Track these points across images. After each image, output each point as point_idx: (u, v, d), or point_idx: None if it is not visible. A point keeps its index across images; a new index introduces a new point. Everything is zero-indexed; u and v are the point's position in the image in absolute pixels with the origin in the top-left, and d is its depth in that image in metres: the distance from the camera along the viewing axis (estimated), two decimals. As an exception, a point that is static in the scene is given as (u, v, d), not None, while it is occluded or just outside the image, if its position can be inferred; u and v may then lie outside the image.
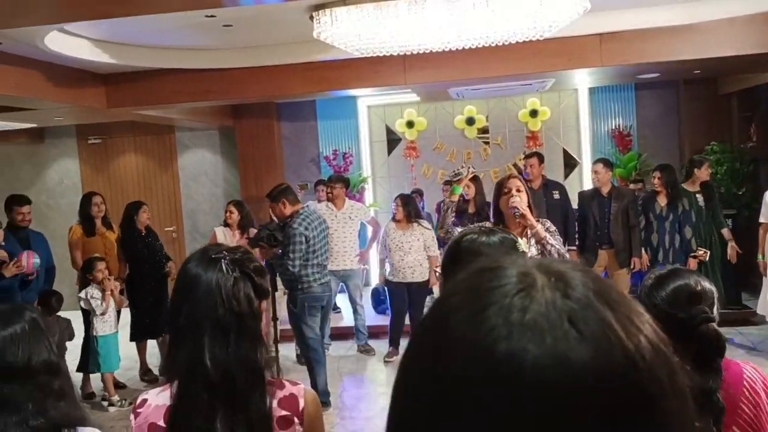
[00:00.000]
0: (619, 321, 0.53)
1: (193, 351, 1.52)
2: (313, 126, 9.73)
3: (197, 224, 10.01)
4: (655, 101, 9.24)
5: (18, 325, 1.72)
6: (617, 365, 0.51)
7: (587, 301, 0.54)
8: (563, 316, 0.52)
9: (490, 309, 0.53)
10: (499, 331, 0.52)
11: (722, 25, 6.01)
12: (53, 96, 6.20)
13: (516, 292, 0.54)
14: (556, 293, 0.54)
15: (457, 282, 0.59)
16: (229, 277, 1.56)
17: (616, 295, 0.56)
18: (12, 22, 4.21)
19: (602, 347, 0.51)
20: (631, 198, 6.53)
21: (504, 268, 0.58)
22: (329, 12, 4.92)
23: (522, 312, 0.52)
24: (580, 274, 0.57)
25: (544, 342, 0.51)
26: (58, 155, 10.35)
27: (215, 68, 6.74)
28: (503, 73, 6.64)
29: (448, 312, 0.56)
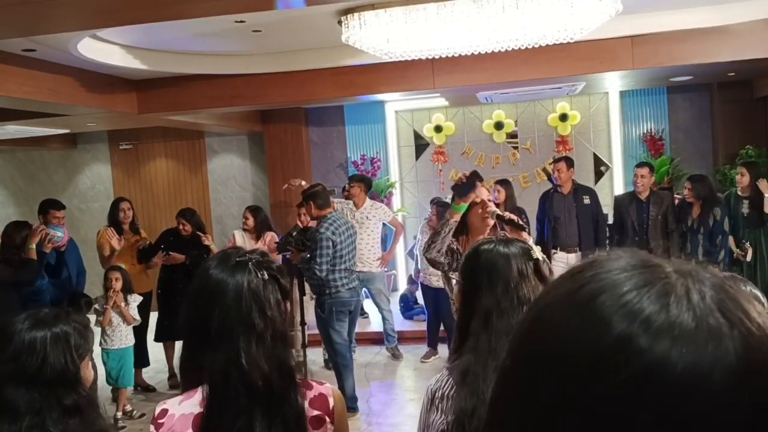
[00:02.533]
0: (755, 309, 0.52)
1: (228, 355, 1.51)
2: (341, 131, 9.75)
3: (226, 229, 10.08)
4: (688, 105, 9.08)
5: (42, 331, 1.72)
6: (763, 354, 0.49)
7: (724, 292, 0.52)
8: (712, 306, 0.50)
9: (626, 306, 0.50)
10: (639, 328, 0.49)
11: (758, 27, 5.89)
12: (86, 102, 6.29)
13: (652, 283, 0.52)
14: (694, 283, 0.52)
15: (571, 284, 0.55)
16: (259, 280, 1.55)
17: (737, 292, 0.54)
18: (45, 28, 4.27)
19: (749, 336, 0.49)
20: (670, 202, 6.41)
21: (622, 261, 0.55)
22: (358, 16, 4.92)
23: (677, 316, 0.49)
24: (705, 271, 0.55)
25: (698, 335, 0.48)
26: (90, 160, 10.51)
27: (244, 74, 6.79)
28: (533, 77, 6.58)
29: (575, 309, 0.52)
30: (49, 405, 1.67)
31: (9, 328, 1.76)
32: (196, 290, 1.60)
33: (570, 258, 6.42)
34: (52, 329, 1.74)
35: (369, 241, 6.94)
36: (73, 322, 1.80)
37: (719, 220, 6.19)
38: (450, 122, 9.48)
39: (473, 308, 1.79)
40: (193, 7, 3.70)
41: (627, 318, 0.50)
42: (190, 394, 1.57)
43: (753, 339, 0.49)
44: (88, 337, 1.84)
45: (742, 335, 0.49)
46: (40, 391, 1.67)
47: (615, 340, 0.49)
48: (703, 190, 6.21)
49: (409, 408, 5.65)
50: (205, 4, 3.63)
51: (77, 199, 10.40)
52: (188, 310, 1.61)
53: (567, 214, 6.45)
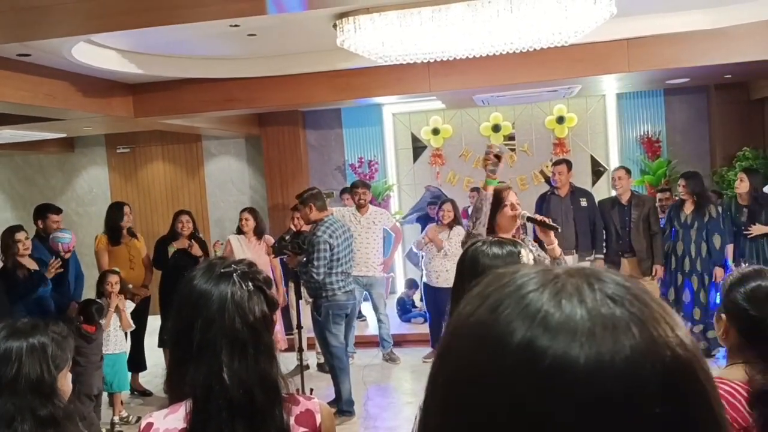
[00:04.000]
0: (657, 303, 0.52)
1: (211, 368, 1.47)
2: (338, 134, 9.75)
3: (224, 232, 10.06)
4: (684, 107, 9.08)
5: (18, 341, 1.71)
6: (667, 339, 0.50)
7: (617, 281, 0.53)
8: (603, 296, 0.51)
9: (523, 309, 0.51)
10: (537, 330, 0.50)
11: (754, 29, 5.88)
12: (82, 106, 6.29)
13: (545, 283, 0.53)
14: (583, 279, 0.53)
15: (480, 291, 0.57)
16: (244, 291, 1.52)
17: (638, 283, 0.55)
18: (40, 33, 4.27)
19: (649, 322, 0.50)
20: (651, 205, 6.41)
21: (520, 270, 0.56)
22: (352, 20, 4.92)
23: (557, 298, 0.51)
24: (607, 272, 0.55)
25: (596, 335, 0.49)
26: (87, 164, 10.51)
27: (240, 77, 6.79)
28: (529, 80, 6.58)
29: (478, 322, 0.54)
30: (23, 416, 1.64)
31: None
32: (179, 301, 1.56)
33: (567, 260, 6.40)
34: (29, 339, 1.72)
35: (375, 246, 6.93)
36: (51, 332, 1.78)
37: (715, 217, 6.18)
38: (447, 125, 9.49)
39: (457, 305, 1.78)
40: (185, 12, 3.70)
41: (525, 322, 0.50)
42: (176, 407, 1.54)
43: (651, 323, 0.50)
44: (66, 348, 1.81)
45: (640, 320, 0.50)
46: (14, 402, 1.65)
47: (517, 346, 0.50)
48: (697, 185, 6.21)
49: (406, 411, 5.65)
50: (198, 10, 3.63)
51: (75, 202, 10.40)
52: (172, 321, 1.58)
53: (564, 216, 6.45)
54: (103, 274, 5.86)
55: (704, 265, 6.19)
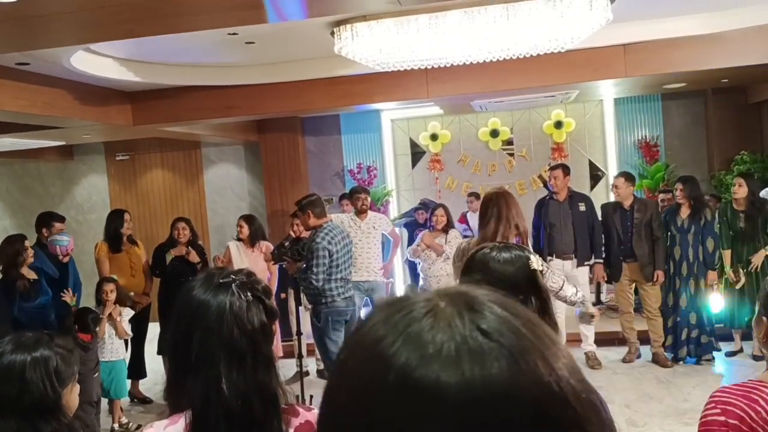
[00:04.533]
0: (530, 330, 0.53)
1: (209, 379, 1.46)
2: (337, 140, 9.76)
3: (223, 239, 10.07)
4: (682, 111, 9.10)
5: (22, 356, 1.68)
6: (536, 372, 0.50)
7: (495, 312, 0.53)
8: (473, 327, 0.52)
9: (400, 338, 0.53)
10: (412, 358, 0.51)
11: (750, 34, 5.90)
12: (80, 114, 6.30)
13: (423, 315, 0.54)
14: (461, 308, 0.54)
15: (374, 314, 0.58)
16: (243, 302, 1.50)
17: (520, 308, 0.56)
18: (39, 43, 4.28)
19: (519, 355, 0.51)
20: (654, 210, 6.38)
21: (410, 297, 0.57)
22: (350, 27, 4.94)
23: (431, 332, 0.52)
24: (485, 292, 0.56)
25: (460, 357, 0.50)
26: (87, 172, 10.52)
27: (239, 84, 6.81)
28: (526, 85, 6.60)
29: (364, 346, 0.55)
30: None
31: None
32: (178, 311, 1.55)
33: (566, 265, 6.41)
34: (32, 354, 1.69)
35: (375, 251, 6.91)
36: (56, 346, 1.75)
37: (709, 221, 6.18)
38: (446, 130, 9.50)
39: None
40: (185, 21, 3.71)
41: (405, 350, 0.52)
42: (175, 419, 1.53)
43: (523, 356, 0.51)
44: (72, 363, 1.77)
45: (510, 353, 0.51)
46: (17, 421, 1.62)
47: (395, 373, 0.51)
48: (693, 190, 6.21)
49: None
50: (198, 18, 3.65)
51: (74, 210, 10.40)
52: (171, 331, 1.57)
53: (562, 221, 6.45)
54: (100, 281, 5.86)
55: (700, 270, 6.19)
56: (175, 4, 3.37)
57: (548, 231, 6.48)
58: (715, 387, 5.60)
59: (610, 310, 7.79)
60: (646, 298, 6.39)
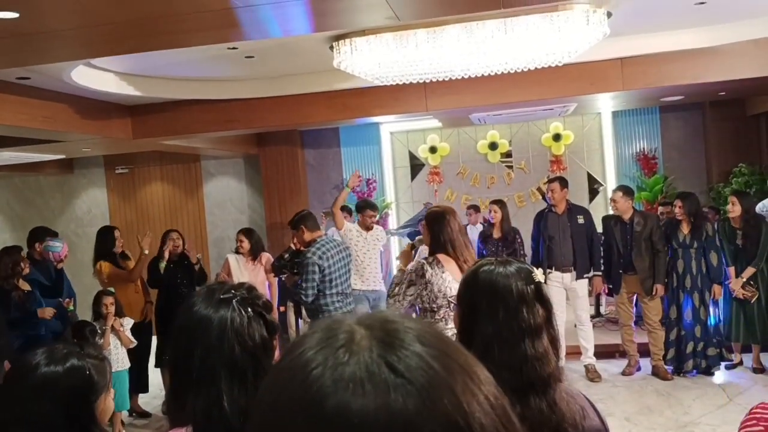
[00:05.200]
0: (446, 367, 0.54)
1: (210, 395, 1.45)
2: (336, 152, 9.79)
3: (222, 251, 10.08)
4: (680, 123, 9.14)
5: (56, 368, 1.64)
6: (445, 410, 0.51)
7: (410, 348, 0.55)
8: (381, 363, 0.53)
9: (317, 369, 0.55)
10: (325, 389, 0.53)
11: (746, 47, 5.94)
12: (80, 128, 6.33)
13: (338, 347, 0.56)
14: (374, 342, 0.55)
15: (302, 339, 0.60)
16: (243, 317, 1.50)
17: (445, 343, 0.57)
18: (40, 58, 4.31)
19: (426, 393, 0.52)
20: (654, 223, 6.36)
21: (335, 327, 0.59)
22: (349, 42, 4.98)
23: (342, 366, 0.54)
24: (408, 323, 0.58)
25: (366, 392, 0.52)
26: (86, 185, 10.54)
27: (238, 98, 6.84)
28: (524, 99, 6.63)
29: (286, 371, 0.58)
30: None
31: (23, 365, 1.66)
32: (179, 327, 1.55)
33: (565, 277, 6.41)
34: (65, 365, 1.65)
35: (378, 261, 6.94)
36: (87, 356, 1.71)
37: (711, 235, 6.18)
38: (445, 143, 9.54)
39: (471, 335, 1.68)
40: (186, 37, 3.74)
41: (319, 381, 0.54)
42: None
43: (433, 392, 0.52)
44: (104, 371, 1.74)
45: (415, 388, 0.52)
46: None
47: (309, 402, 0.53)
48: (693, 206, 6.20)
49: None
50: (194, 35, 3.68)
51: (74, 223, 10.42)
52: (172, 346, 1.57)
53: (561, 233, 6.45)
54: (98, 295, 5.85)
55: (704, 283, 6.19)
56: (174, 21, 3.40)
57: (547, 243, 6.48)
58: (716, 400, 5.54)
59: (610, 323, 7.78)
60: (647, 311, 6.38)
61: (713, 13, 5.26)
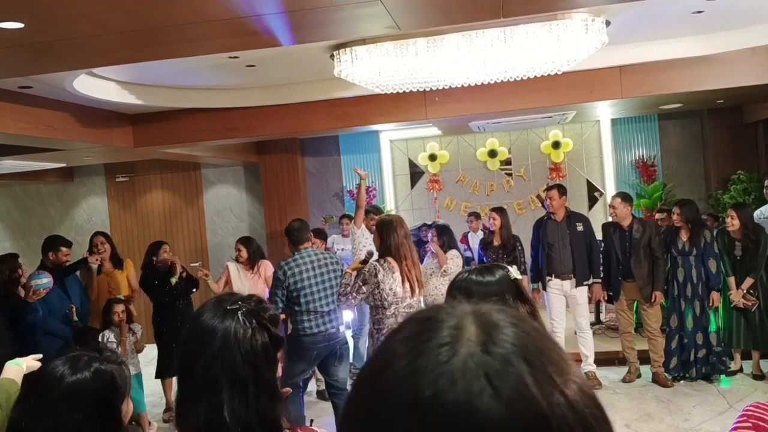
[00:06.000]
0: (536, 378, 0.54)
1: (212, 406, 1.46)
2: (336, 160, 9.83)
3: (222, 259, 10.10)
4: (679, 131, 9.18)
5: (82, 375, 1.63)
6: (530, 422, 0.52)
7: (507, 357, 0.55)
8: (480, 371, 0.54)
9: (419, 359, 0.56)
10: (424, 381, 0.54)
11: (744, 55, 5.99)
12: (82, 137, 6.35)
13: (443, 344, 0.57)
14: (478, 348, 0.56)
15: (403, 328, 0.61)
16: (247, 329, 1.51)
17: (544, 351, 0.57)
18: (44, 68, 4.34)
19: (515, 405, 0.53)
20: (653, 230, 6.37)
21: (440, 319, 0.60)
22: (349, 51, 5.01)
23: (444, 365, 0.55)
24: (513, 329, 0.58)
25: (460, 395, 0.53)
26: (87, 193, 10.55)
27: (239, 107, 6.87)
28: (523, 107, 6.66)
29: (386, 359, 0.58)
30: None
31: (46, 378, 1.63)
32: (186, 337, 1.57)
33: (564, 285, 6.43)
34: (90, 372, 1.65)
35: None
36: (107, 361, 1.70)
37: (710, 242, 6.20)
38: (444, 151, 9.57)
39: None
40: (189, 46, 3.77)
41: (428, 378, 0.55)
42: None
43: (517, 398, 0.53)
44: (125, 374, 1.74)
45: (506, 391, 0.53)
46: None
47: (426, 400, 0.54)
48: (692, 213, 6.22)
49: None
50: (198, 44, 3.71)
51: (74, 231, 10.42)
52: (179, 356, 1.59)
53: (561, 240, 6.46)
54: (109, 303, 5.91)
55: (705, 290, 6.20)
56: (177, 31, 3.43)
57: (546, 251, 6.49)
58: (716, 406, 5.55)
59: (610, 330, 7.79)
60: (646, 318, 6.39)
61: (710, 21, 5.31)
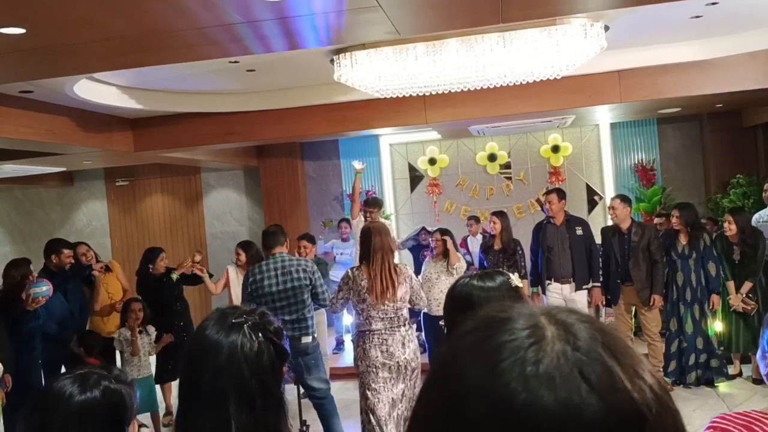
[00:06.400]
0: (625, 372, 0.56)
1: (218, 420, 1.45)
2: (336, 164, 9.84)
3: (222, 263, 10.09)
4: (678, 135, 9.19)
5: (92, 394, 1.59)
6: (627, 416, 0.54)
7: (595, 353, 0.56)
8: (574, 368, 0.55)
9: (504, 363, 0.56)
10: (516, 384, 0.54)
11: (742, 60, 6.00)
12: (82, 141, 6.37)
13: (528, 345, 0.57)
14: (566, 346, 0.56)
15: (467, 333, 0.61)
16: (254, 343, 1.51)
17: (622, 346, 0.58)
18: (46, 72, 4.35)
19: (612, 399, 0.54)
20: (652, 234, 6.36)
21: (513, 320, 0.60)
22: (349, 55, 5.03)
23: (536, 365, 0.55)
24: (587, 326, 0.59)
25: (559, 394, 0.53)
26: (87, 197, 10.57)
27: (239, 111, 6.88)
28: (522, 111, 6.68)
29: (462, 365, 0.58)
30: None
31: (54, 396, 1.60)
32: (190, 349, 1.56)
33: (564, 289, 6.43)
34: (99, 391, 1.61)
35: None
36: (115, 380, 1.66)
37: (709, 245, 6.20)
38: (444, 155, 9.59)
39: None
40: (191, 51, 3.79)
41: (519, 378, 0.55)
42: None
43: (612, 392, 0.54)
44: (132, 395, 1.70)
45: (601, 386, 0.54)
46: None
47: (521, 405, 0.54)
48: (691, 216, 6.22)
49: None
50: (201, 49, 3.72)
51: (74, 236, 10.40)
52: (183, 368, 1.58)
53: (560, 244, 6.47)
54: (128, 302, 5.94)
55: (704, 294, 6.21)
56: (177, 36, 3.45)
57: (546, 255, 6.50)
58: (716, 410, 5.56)
59: (609, 334, 7.78)
60: (645, 323, 6.38)
61: (709, 26, 5.32)
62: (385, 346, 4.49)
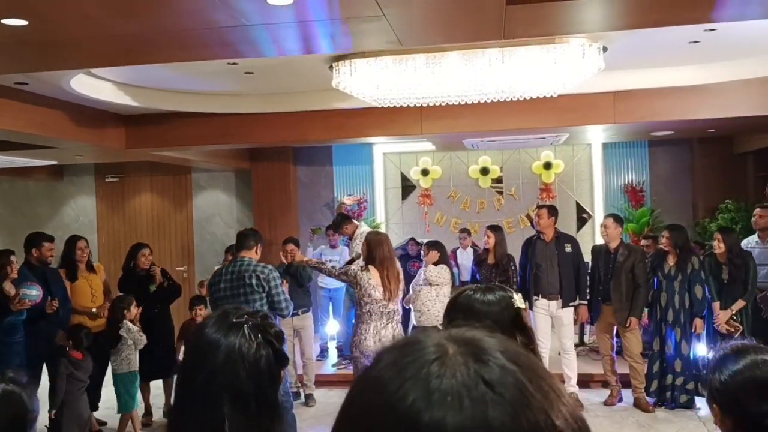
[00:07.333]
0: (534, 383, 0.55)
1: (212, 421, 1.43)
2: (328, 171, 9.83)
3: (209, 265, 10.05)
4: (668, 158, 9.27)
5: None
6: (536, 425, 0.53)
7: (501, 364, 0.56)
8: (477, 378, 0.55)
9: (408, 382, 0.56)
10: (420, 402, 0.54)
11: (737, 86, 6.07)
12: (75, 136, 6.33)
13: (431, 361, 0.57)
14: (469, 358, 0.56)
15: (383, 356, 0.61)
16: (252, 344, 1.49)
17: (528, 360, 0.58)
18: (46, 66, 4.33)
19: (520, 408, 0.53)
20: (638, 256, 6.38)
21: (421, 341, 0.60)
22: (349, 63, 5.04)
23: (438, 379, 0.55)
24: (495, 341, 0.59)
25: (463, 406, 0.53)
26: (75, 192, 10.48)
27: (235, 113, 6.87)
28: (518, 127, 6.71)
29: (374, 386, 0.58)
30: None
31: None
32: (189, 347, 1.55)
33: (551, 305, 6.45)
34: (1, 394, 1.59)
35: None
36: (14, 383, 1.63)
37: (697, 269, 6.23)
38: (437, 166, 9.61)
39: None
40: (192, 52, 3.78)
41: (409, 399, 0.55)
42: None
43: (522, 409, 0.54)
44: (32, 400, 1.68)
45: (511, 406, 0.54)
46: None
47: (400, 420, 0.54)
48: (680, 238, 6.25)
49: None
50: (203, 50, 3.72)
51: (61, 231, 10.30)
52: (180, 366, 1.56)
53: (549, 261, 6.49)
54: (120, 299, 5.89)
55: (686, 317, 6.23)
56: (180, 36, 3.44)
57: (534, 271, 6.51)
58: (696, 433, 5.46)
59: (594, 352, 7.81)
60: (626, 343, 6.40)
61: (706, 51, 5.38)
62: (378, 336, 5.03)
